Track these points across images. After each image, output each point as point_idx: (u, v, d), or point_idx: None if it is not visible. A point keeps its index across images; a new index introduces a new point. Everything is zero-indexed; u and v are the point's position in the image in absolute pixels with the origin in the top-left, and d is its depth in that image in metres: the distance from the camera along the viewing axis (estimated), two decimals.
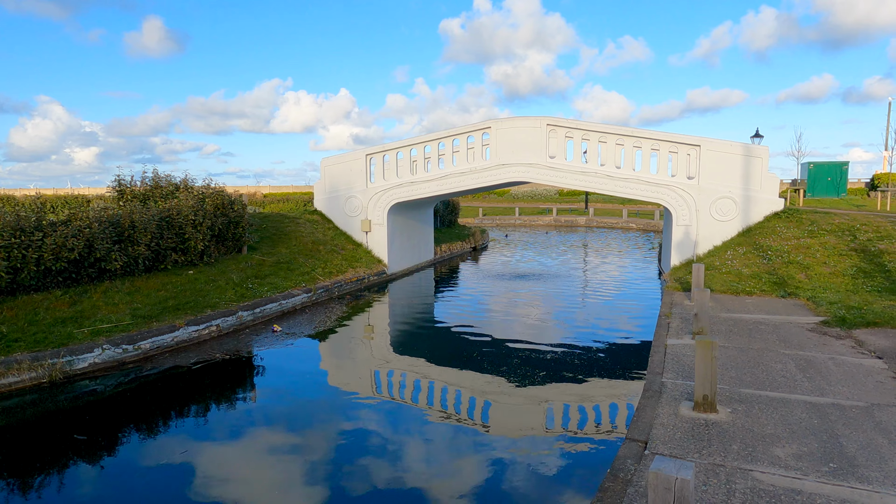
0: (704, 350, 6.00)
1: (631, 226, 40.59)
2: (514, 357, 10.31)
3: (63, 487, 6.01)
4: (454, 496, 5.63)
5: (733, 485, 4.67)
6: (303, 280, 14.93)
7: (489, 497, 5.60)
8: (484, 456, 6.53)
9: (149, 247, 12.27)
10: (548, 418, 7.64)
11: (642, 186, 16.32)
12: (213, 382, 9.23)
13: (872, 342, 8.81)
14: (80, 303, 10.45)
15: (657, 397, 6.67)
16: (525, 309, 14.64)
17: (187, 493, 5.76)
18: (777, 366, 7.82)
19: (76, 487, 6.01)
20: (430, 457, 6.56)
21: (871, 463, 5.05)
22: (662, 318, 10.78)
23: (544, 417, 7.67)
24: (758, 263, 13.77)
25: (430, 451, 6.72)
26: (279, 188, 71.31)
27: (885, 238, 13.75)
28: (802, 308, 11.22)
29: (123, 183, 15.55)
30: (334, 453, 6.62)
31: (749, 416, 6.10)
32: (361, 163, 18.94)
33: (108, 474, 6.30)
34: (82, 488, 5.99)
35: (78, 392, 8.59)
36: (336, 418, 7.79)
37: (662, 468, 3.34)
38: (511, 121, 17.33)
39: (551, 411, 7.85)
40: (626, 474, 4.93)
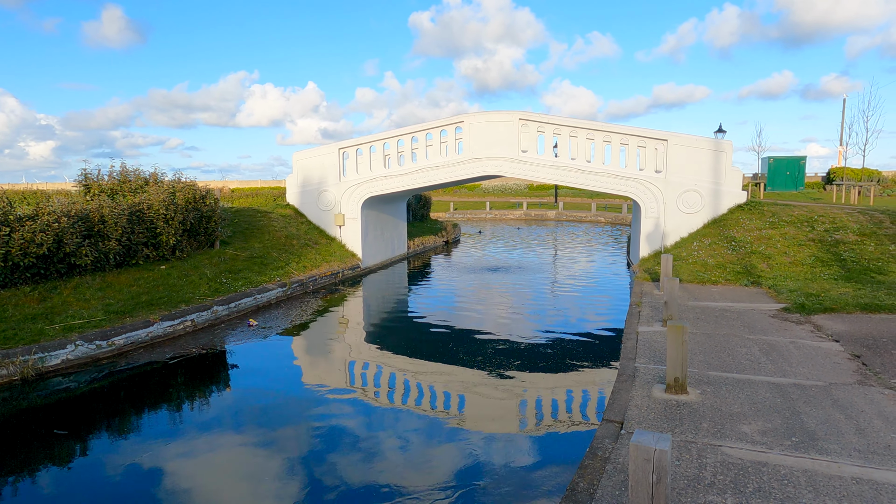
0: (675, 335, 6.28)
1: (600, 219, 41.33)
2: (489, 348, 10.50)
3: (34, 485, 5.96)
4: (436, 485, 5.78)
5: (704, 459, 4.95)
6: (277, 275, 14.87)
7: (473, 480, 5.77)
8: (464, 443, 6.70)
9: (120, 242, 12.07)
10: (526, 405, 7.86)
11: (612, 180, 16.71)
12: (190, 378, 9.19)
13: (829, 327, 9.28)
14: (50, 299, 10.25)
15: (631, 381, 6.95)
16: (498, 301, 14.88)
17: (161, 491, 5.73)
18: (742, 350, 8.19)
19: (48, 485, 5.98)
20: (408, 449, 6.68)
21: (830, 436, 5.39)
22: (633, 306, 11.12)
23: (522, 405, 7.88)
24: (723, 254, 14.28)
25: (408, 444, 6.84)
26: (246, 183, 70.08)
27: (841, 229, 14.41)
28: (765, 296, 11.71)
29: (90, 177, 15.20)
30: (311, 448, 6.64)
31: (717, 397, 6.41)
32: (334, 157, 18.88)
33: (81, 472, 6.26)
34: (55, 486, 5.96)
35: (51, 389, 8.45)
36: (313, 413, 7.83)
37: (642, 440, 3.55)
38: (484, 115, 17.51)
39: (529, 399, 8.07)
40: (604, 452, 5.16)
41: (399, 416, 7.63)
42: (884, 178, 39.39)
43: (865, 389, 6.59)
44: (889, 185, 38.12)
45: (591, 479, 4.69)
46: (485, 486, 5.64)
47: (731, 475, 4.67)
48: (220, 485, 5.82)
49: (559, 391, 8.30)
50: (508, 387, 8.56)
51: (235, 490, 5.74)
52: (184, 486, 5.80)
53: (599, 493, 4.48)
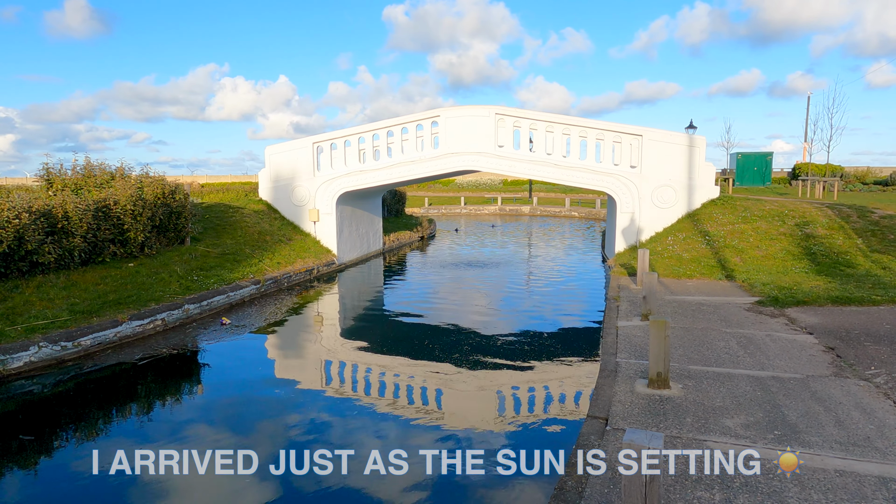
0: (658, 330, 6.27)
1: (574, 214, 41.64)
2: (466, 344, 10.40)
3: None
4: (418, 483, 5.66)
5: (690, 454, 4.93)
6: (250, 271, 14.53)
7: (456, 479, 5.67)
8: (448, 443, 6.59)
9: (85, 239, 11.61)
10: (507, 403, 7.79)
11: (588, 175, 16.77)
12: (160, 379, 8.89)
13: (803, 319, 9.44)
14: (11, 298, 9.80)
15: (613, 376, 6.93)
16: (475, 296, 14.82)
17: (130, 496, 5.49)
18: (720, 343, 8.27)
19: (12, 492, 5.69)
20: (386, 447, 6.53)
21: (811, 429, 5.44)
22: (611, 301, 11.16)
23: (503, 402, 7.81)
24: (697, 248, 14.46)
25: (386, 442, 6.71)
26: (217, 178, 68.59)
27: (811, 223, 14.72)
28: (739, 289, 11.87)
29: (52, 172, 14.61)
30: (286, 448, 6.27)
31: (699, 391, 6.44)
32: (308, 151, 18.54)
33: (46, 478, 5.98)
34: (19, 493, 5.68)
35: (13, 393, 8.07)
36: (287, 412, 7.60)
37: (635, 439, 3.49)
38: (460, 109, 17.39)
39: (510, 396, 8.01)
40: (589, 448, 5.10)
41: (376, 413, 7.47)
42: (846, 174, 40.56)
43: (842, 381, 6.69)
44: (851, 180, 39.27)
45: (578, 477, 4.64)
46: (468, 485, 5.55)
47: (717, 470, 4.66)
48: (192, 488, 5.61)
49: (541, 387, 8.25)
50: (488, 383, 8.48)
51: (207, 492, 5.53)
52: (153, 491, 5.57)
53: (588, 491, 4.43)
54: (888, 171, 42.51)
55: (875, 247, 13.26)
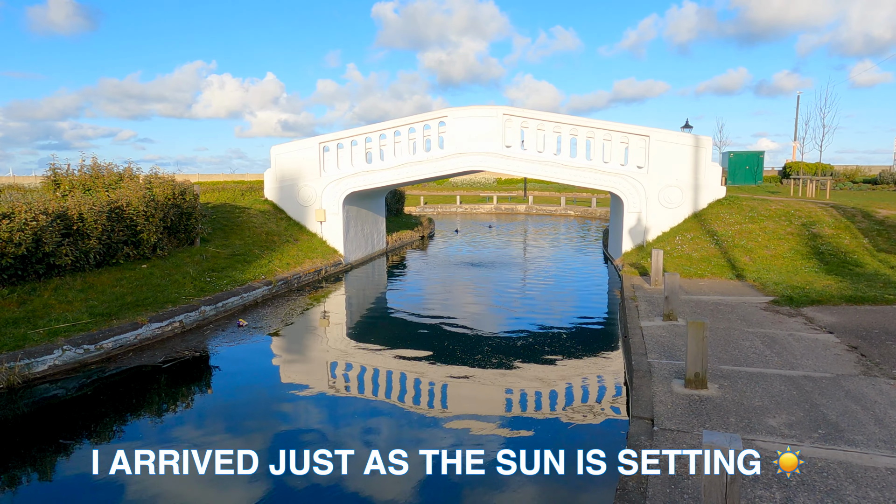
0: (696, 330, 6.37)
1: (569, 213, 41.85)
2: (485, 345, 10.43)
3: (17, 496, 5.67)
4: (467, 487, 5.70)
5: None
6: (261, 272, 14.48)
7: (507, 480, 5.70)
8: (496, 445, 6.64)
9: (100, 240, 11.53)
10: (542, 401, 7.85)
11: (595, 175, 16.88)
12: (185, 381, 8.87)
13: (821, 319, 9.60)
14: (31, 301, 9.70)
15: (648, 377, 7.02)
16: (483, 296, 14.92)
17: (154, 500, 5.50)
18: (745, 343, 8.39)
19: (36, 496, 5.70)
20: (421, 453, 6.53)
21: (853, 428, 5.56)
22: (628, 301, 11.27)
23: (539, 400, 7.87)
24: (706, 248, 14.62)
25: (418, 445, 6.74)
26: (206, 176, 67.91)
27: (817, 223, 14.94)
28: (752, 289, 12.04)
29: (59, 172, 14.47)
30: (317, 449, 6.00)
31: (736, 391, 6.54)
32: (314, 151, 18.49)
33: (70, 482, 6.01)
34: (45, 495, 5.70)
35: (38, 397, 8.01)
36: (316, 416, 7.64)
37: (714, 441, 3.56)
38: (468, 110, 17.43)
39: (545, 393, 8.07)
40: (641, 448, 5.17)
41: (407, 416, 7.52)
42: (836, 172, 41.13)
43: (872, 380, 6.83)
44: (841, 178, 39.84)
45: (638, 478, 4.71)
46: (521, 482, 5.60)
47: (771, 469, 4.75)
48: (220, 493, 5.60)
49: (569, 387, 8.32)
50: (515, 382, 8.53)
51: (234, 497, 5.53)
52: (176, 493, 5.57)
53: (651, 491, 4.50)
54: (876, 170, 43.17)
55: (881, 246, 13.50)
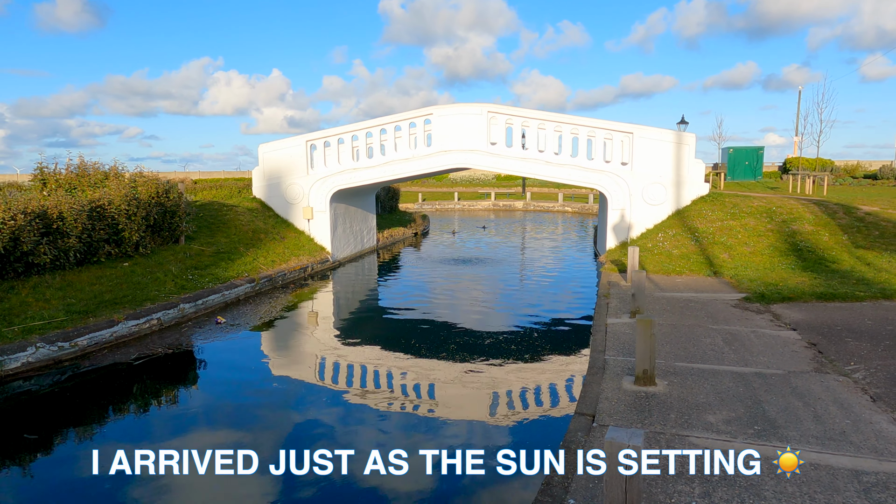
0: (644, 328, 6.45)
1: (567, 210, 41.85)
2: (459, 340, 10.57)
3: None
4: (409, 476, 5.82)
5: (672, 449, 5.11)
6: (245, 270, 14.64)
7: (445, 473, 5.82)
8: (439, 438, 6.76)
9: (80, 239, 11.70)
10: (500, 399, 7.97)
11: (580, 172, 16.93)
12: (156, 378, 9.01)
13: (788, 315, 9.66)
14: (8, 300, 9.89)
15: (601, 373, 7.12)
16: (469, 293, 14.99)
17: (127, 496, 5.60)
18: (706, 340, 8.47)
19: (10, 491, 5.82)
20: (383, 443, 6.72)
21: (790, 424, 5.64)
22: (601, 298, 11.35)
23: (495, 397, 7.99)
24: (686, 245, 14.67)
25: (382, 437, 6.89)
26: (210, 174, 68.30)
27: (797, 220, 14.95)
28: (727, 286, 12.09)
29: (46, 171, 14.65)
30: (284, 446, 6.29)
31: (684, 388, 6.63)
32: (302, 149, 18.62)
33: (42, 477, 6.12)
34: (14, 492, 5.82)
35: (10, 393, 8.19)
36: (284, 410, 7.77)
37: (615, 437, 3.66)
38: (452, 107, 17.50)
39: (502, 394, 8.19)
40: (577, 445, 5.28)
41: (371, 410, 7.64)
42: (836, 168, 40.93)
43: (822, 377, 6.90)
44: (841, 174, 39.68)
45: (564, 473, 4.81)
46: (456, 479, 5.72)
47: (695, 465, 4.85)
48: (190, 488, 5.75)
49: (531, 383, 8.44)
50: (480, 379, 8.65)
51: (206, 491, 5.68)
52: (150, 490, 5.71)
53: (574, 486, 4.61)
54: (878, 165, 42.96)
55: (860, 243, 13.51)
